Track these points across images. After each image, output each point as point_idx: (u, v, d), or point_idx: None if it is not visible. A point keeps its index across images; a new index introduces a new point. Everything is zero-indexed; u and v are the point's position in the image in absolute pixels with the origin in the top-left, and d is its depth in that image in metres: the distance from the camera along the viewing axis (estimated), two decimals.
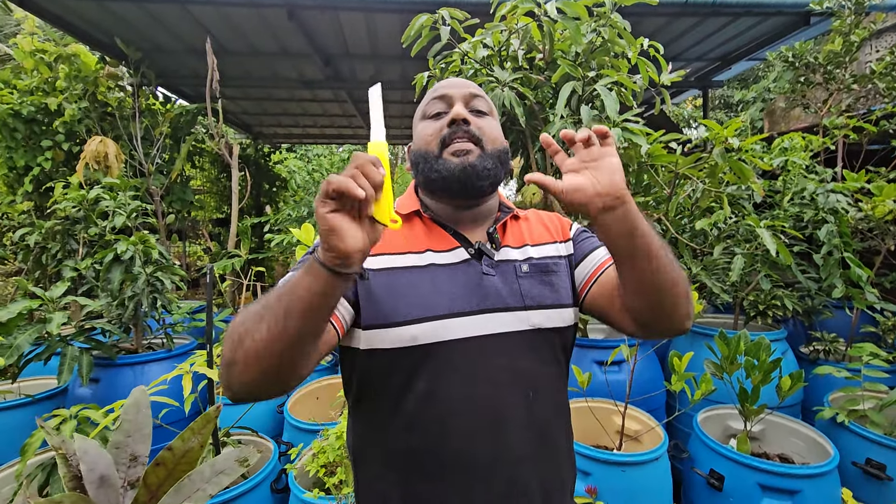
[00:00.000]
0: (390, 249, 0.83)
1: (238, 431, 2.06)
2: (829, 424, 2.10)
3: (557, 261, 0.91)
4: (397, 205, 0.90)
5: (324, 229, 0.55)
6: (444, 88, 0.89)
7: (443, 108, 0.87)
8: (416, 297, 0.79)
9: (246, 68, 4.78)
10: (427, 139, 0.86)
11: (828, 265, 2.31)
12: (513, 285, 0.84)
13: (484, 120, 0.88)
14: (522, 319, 0.83)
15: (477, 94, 0.89)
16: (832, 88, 3.36)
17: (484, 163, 0.83)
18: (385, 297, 0.78)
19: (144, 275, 2.34)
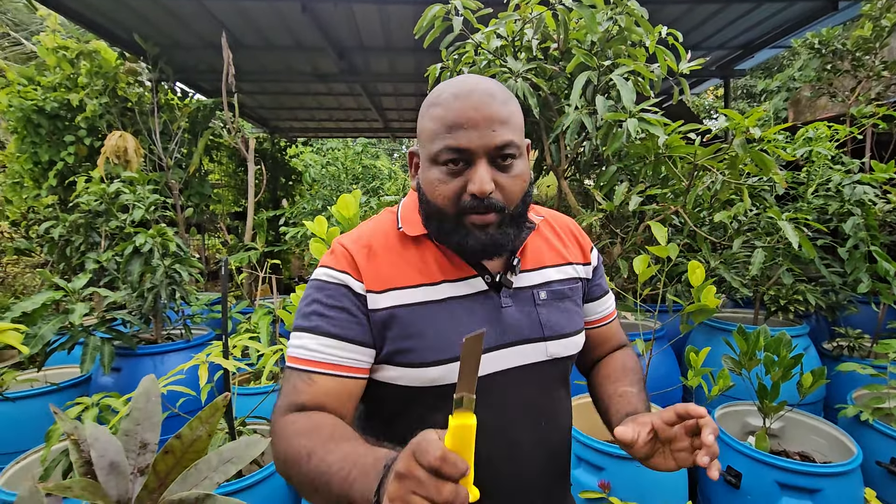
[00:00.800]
0: (403, 283, 0.77)
1: (254, 421, 2.10)
2: (853, 422, 2.04)
3: (573, 285, 0.89)
4: (405, 220, 0.82)
5: None
6: (464, 135, 0.70)
7: (461, 161, 0.72)
8: (435, 339, 0.75)
9: (261, 63, 4.82)
10: (443, 201, 0.74)
11: (853, 259, 2.23)
12: (531, 315, 0.81)
13: (510, 172, 0.74)
14: (540, 350, 0.81)
15: (505, 143, 0.72)
16: (861, 76, 3.24)
17: (506, 232, 0.75)
18: (402, 338, 0.75)
19: (163, 267, 2.38)
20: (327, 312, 0.74)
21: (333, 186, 4.44)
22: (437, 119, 0.74)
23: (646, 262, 1.82)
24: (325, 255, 0.81)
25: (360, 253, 0.78)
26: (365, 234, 0.81)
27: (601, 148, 2.37)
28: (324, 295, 0.75)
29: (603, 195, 2.50)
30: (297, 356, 0.73)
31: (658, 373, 2.33)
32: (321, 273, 0.78)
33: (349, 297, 0.75)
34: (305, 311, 0.76)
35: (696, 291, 1.75)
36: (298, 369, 0.73)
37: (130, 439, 0.59)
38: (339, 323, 0.74)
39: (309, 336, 0.74)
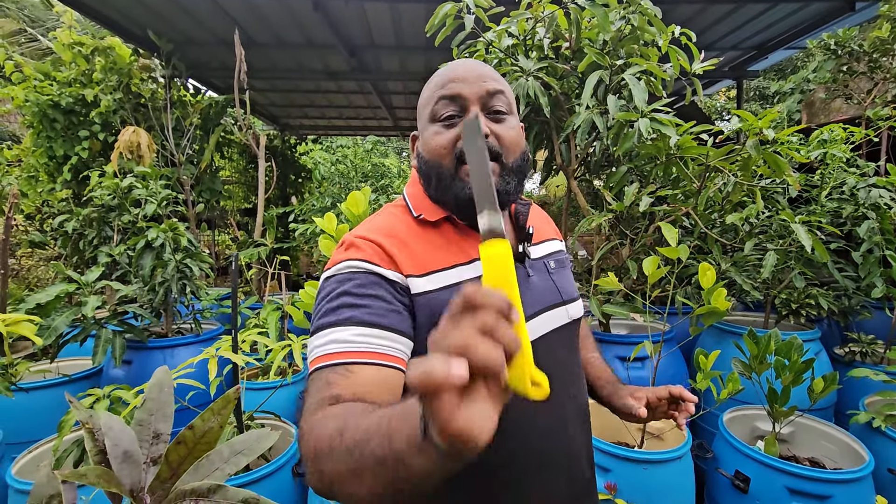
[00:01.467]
0: (438, 265, 0.73)
1: (262, 416, 2.11)
2: (865, 429, 2.01)
3: (565, 255, 0.98)
4: (418, 209, 0.79)
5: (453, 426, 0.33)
6: (456, 85, 0.75)
7: (455, 110, 0.75)
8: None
9: (273, 60, 4.85)
10: (439, 151, 0.75)
11: (867, 263, 2.20)
12: (548, 282, 0.85)
13: (504, 124, 0.77)
14: (563, 314, 0.84)
15: (495, 91, 0.76)
16: (877, 78, 3.19)
17: (505, 184, 0.76)
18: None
19: (174, 261, 2.41)
20: (359, 302, 0.66)
21: (343, 184, 4.45)
22: (432, 83, 0.78)
23: (656, 264, 1.81)
24: (340, 251, 0.73)
25: (388, 241, 0.72)
26: (384, 224, 0.76)
27: (612, 148, 2.35)
28: (352, 285, 0.68)
29: (613, 195, 2.48)
30: (325, 353, 0.63)
31: (666, 375, 2.32)
32: (343, 266, 0.70)
33: (383, 285, 0.69)
34: (330, 307, 0.67)
35: (707, 294, 1.73)
36: (330, 365, 0.62)
37: (144, 429, 0.59)
38: (375, 311, 0.66)
39: (340, 329, 0.64)
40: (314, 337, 0.67)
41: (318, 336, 0.66)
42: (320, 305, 0.69)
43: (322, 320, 0.67)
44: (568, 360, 0.86)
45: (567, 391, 0.83)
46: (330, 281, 0.71)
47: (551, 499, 0.76)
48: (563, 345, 0.84)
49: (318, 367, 0.63)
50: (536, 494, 0.74)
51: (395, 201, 0.87)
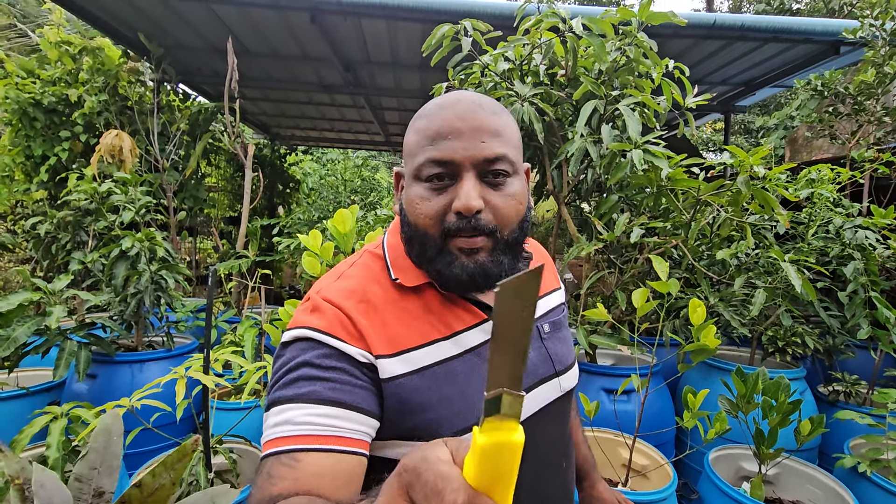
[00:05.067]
0: (412, 342, 0.64)
1: (232, 440, 2.01)
2: (849, 473, 1.98)
3: (563, 311, 0.86)
4: (397, 269, 0.69)
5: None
6: (448, 145, 0.63)
7: (445, 174, 0.64)
8: (461, 401, 0.63)
9: (266, 70, 4.81)
10: (425, 221, 0.65)
11: (854, 304, 2.20)
12: (541, 351, 0.76)
13: (502, 191, 0.65)
14: (555, 387, 0.76)
15: (496, 157, 0.64)
16: (861, 120, 3.26)
17: (499, 260, 0.65)
18: (425, 407, 0.62)
19: (149, 272, 2.31)
20: (321, 374, 0.58)
21: (331, 197, 4.39)
22: (421, 131, 0.66)
23: (645, 296, 1.78)
24: (304, 313, 0.63)
25: (358, 310, 0.63)
26: (357, 285, 0.66)
27: (604, 177, 2.34)
28: (314, 355, 0.59)
29: (603, 224, 2.47)
30: (275, 436, 0.56)
31: (651, 409, 2.27)
32: (305, 332, 0.61)
33: (347, 360, 0.60)
34: (288, 378, 0.58)
35: (697, 331, 1.70)
36: (275, 453, 0.55)
37: (84, 486, 0.52)
38: (336, 386, 0.58)
39: (295, 407, 0.56)
40: (269, 413, 0.59)
41: (272, 413, 0.58)
42: (277, 374, 0.61)
43: (278, 393, 0.59)
44: (557, 436, 0.78)
45: (555, 469, 0.76)
46: (290, 348, 0.62)
47: None
48: (554, 419, 0.75)
49: (266, 454, 0.56)
50: None
51: (374, 247, 0.75)
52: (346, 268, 0.71)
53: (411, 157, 0.67)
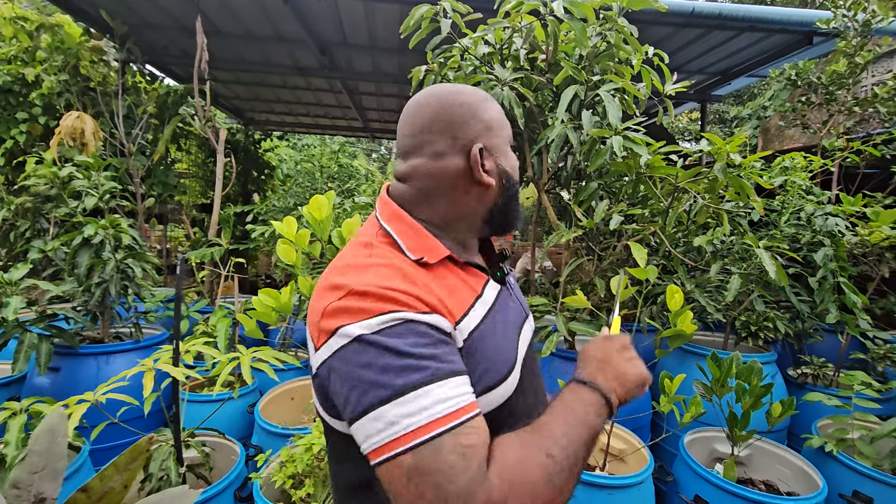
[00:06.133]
0: (462, 309, 0.68)
1: (204, 433, 1.95)
2: (817, 453, 2.05)
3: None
4: (416, 250, 0.71)
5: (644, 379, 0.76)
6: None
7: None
8: (502, 348, 0.72)
9: (238, 51, 4.64)
10: (517, 175, 0.81)
11: (823, 290, 2.26)
12: (519, 298, 0.88)
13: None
14: (530, 326, 0.87)
15: None
16: (832, 110, 3.33)
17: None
18: (485, 360, 0.67)
19: (114, 261, 2.21)
20: (435, 351, 0.58)
21: (307, 184, 4.28)
22: (497, 111, 0.79)
23: (624, 283, 1.78)
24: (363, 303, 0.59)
25: (423, 289, 0.63)
26: (399, 268, 0.65)
27: (584, 164, 2.33)
28: (415, 335, 0.58)
29: (583, 211, 2.46)
30: (432, 420, 0.53)
31: None
32: (392, 318, 0.58)
33: (438, 328, 0.61)
34: (402, 365, 0.55)
35: (674, 317, 1.71)
36: (450, 429, 0.54)
37: (22, 493, 0.47)
38: (453, 358, 0.60)
39: (435, 386, 0.55)
40: (395, 405, 0.54)
41: (407, 400, 0.54)
42: (380, 366, 0.56)
43: (401, 381, 0.55)
44: (538, 369, 0.88)
45: (542, 397, 0.83)
46: (384, 334, 0.57)
47: None
48: (534, 359, 0.86)
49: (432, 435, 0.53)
50: None
51: (374, 235, 0.73)
52: (366, 258, 0.68)
53: (502, 129, 0.78)
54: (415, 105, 0.77)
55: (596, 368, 0.72)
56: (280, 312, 1.90)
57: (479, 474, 0.52)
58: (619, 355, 0.75)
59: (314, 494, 1.52)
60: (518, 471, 0.54)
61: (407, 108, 0.78)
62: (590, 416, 0.63)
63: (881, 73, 5.76)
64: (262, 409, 2.24)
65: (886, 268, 2.52)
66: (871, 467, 1.87)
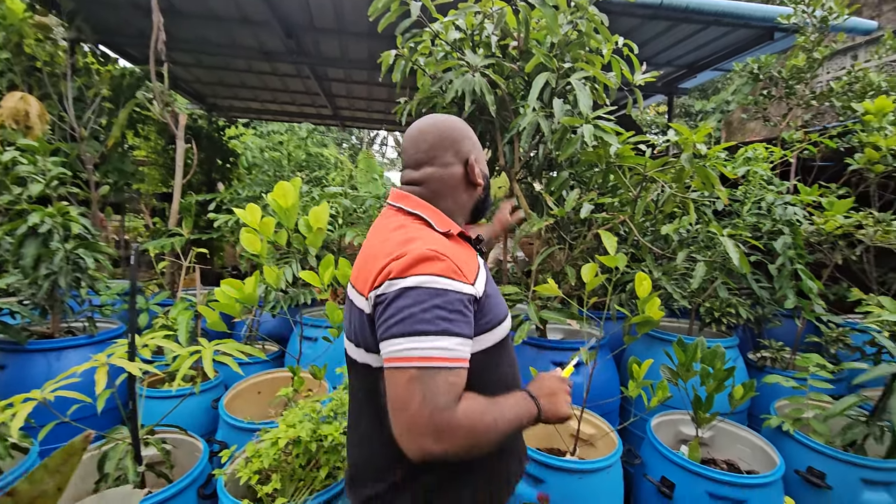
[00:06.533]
0: (475, 266, 0.96)
1: (164, 429, 1.87)
2: (775, 432, 2.14)
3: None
4: (441, 224, 0.98)
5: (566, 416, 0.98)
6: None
7: None
8: (501, 301, 1.02)
9: (199, 32, 4.43)
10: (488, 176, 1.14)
11: (782, 276, 2.34)
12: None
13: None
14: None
15: None
16: (792, 103, 3.45)
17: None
18: (490, 305, 0.95)
19: (63, 251, 2.08)
20: (451, 316, 0.82)
21: (274, 173, 4.13)
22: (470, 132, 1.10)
23: (594, 271, 1.80)
24: (425, 263, 0.84)
25: (455, 256, 0.88)
26: (440, 243, 0.90)
27: (555, 153, 2.33)
28: (443, 300, 0.82)
29: (554, 200, 2.47)
30: (439, 355, 0.79)
31: (598, 380, 2.34)
32: (432, 280, 0.82)
33: (462, 300, 0.85)
34: (426, 316, 0.80)
35: (642, 303, 1.74)
36: (449, 367, 0.80)
37: None
38: (460, 325, 0.83)
39: (443, 338, 0.80)
40: (416, 339, 0.79)
41: (419, 340, 0.79)
42: (413, 311, 0.80)
43: (420, 326, 0.79)
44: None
45: (513, 355, 1.08)
46: (423, 292, 0.82)
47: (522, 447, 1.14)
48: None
49: (433, 366, 0.78)
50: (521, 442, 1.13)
51: (405, 220, 0.99)
52: (417, 232, 0.94)
53: (480, 146, 1.11)
54: (421, 129, 1.04)
55: (543, 395, 0.97)
56: (244, 304, 1.83)
57: (452, 403, 0.78)
58: (560, 395, 0.98)
59: (281, 490, 1.48)
60: (474, 417, 0.80)
61: (413, 132, 1.05)
62: (523, 417, 0.90)
63: (836, 70, 6.00)
64: (227, 404, 2.17)
65: (840, 255, 2.63)
66: (823, 444, 1.96)
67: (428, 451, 0.76)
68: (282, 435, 1.63)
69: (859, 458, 1.88)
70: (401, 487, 0.91)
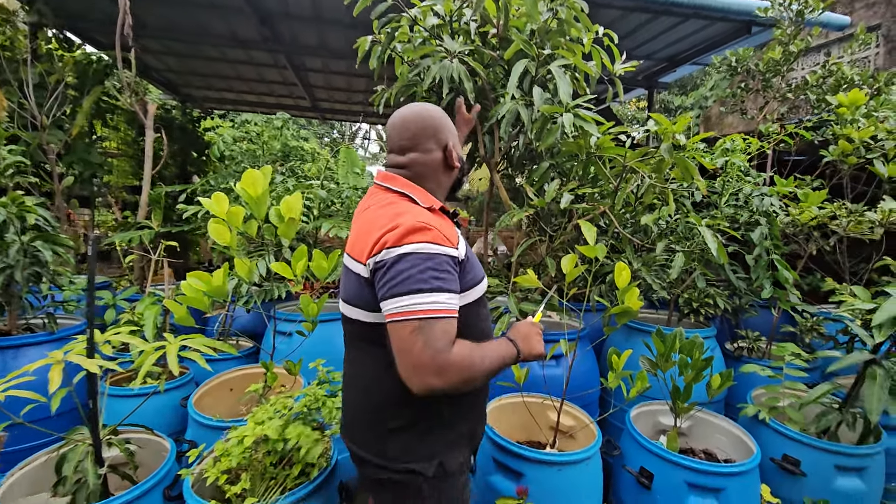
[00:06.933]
0: (455, 238, 1.07)
1: (128, 429, 1.78)
2: (751, 421, 2.15)
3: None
4: (425, 201, 1.13)
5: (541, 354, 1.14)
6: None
7: None
8: (477, 264, 1.17)
9: (169, 18, 4.27)
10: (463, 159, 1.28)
11: (759, 267, 2.36)
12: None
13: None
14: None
15: None
16: (768, 97, 3.48)
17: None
18: (470, 266, 1.11)
19: (19, 243, 1.96)
20: (441, 275, 0.96)
21: (249, 164, 4.01)
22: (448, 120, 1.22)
23: (574, 262, 1.77)
24: (416, 233, 0.97)
25: (441, 228, 1.01)
26: (425, 216, 1.03)
27: (535, 143, 2.30)
28: (434, 263, 0.96)
29: (535, 191, 2.44)
30: (435, 308, 0.93)
31: (578, 371, 2.33)
32: (424, 247, 0.96)
33: (449, 262, 0.99)
34: (422, 277, 0.94)
35: (621, 293, 1.72)
36: (443, 317, 0.94)
37: None
38: (450, 282, 0.98)
39: (437, 294, 0.94)
40: (414, 295, 0.93)
41: (418, 295, 0.93)
42: (410, 272, 0.94)
43: (416, 285, 0.94)
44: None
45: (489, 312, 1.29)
46: (416, 256, 0.96)
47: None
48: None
49: (431, 317, 0.92)
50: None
51: (393, 198, 1.13)
52: (407, 207, 1.07)
53: (455, 132, 1.24)
54: (405, 118, 1.16)
55: (520, 337, 1.13)
56: (214, 298, 1.75)
57: (448, 346, 0.93)
58: (534, 336, 1.15)
59: (251, 489, 1.42)
60: (465, 356, 0.95)
61: (397, 120, 1.17)
62: (505, 356, 1.06)
63: (809, 67, 6.11)
64: (196, 402, 2.09)
65: (814, 245, 2.67)
66: (798, 432, 1.98)
67: (431, 385, 0.91)
68: (248, 433, 1.56)
69: (832, 445, 1.91)
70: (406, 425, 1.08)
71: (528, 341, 1.12)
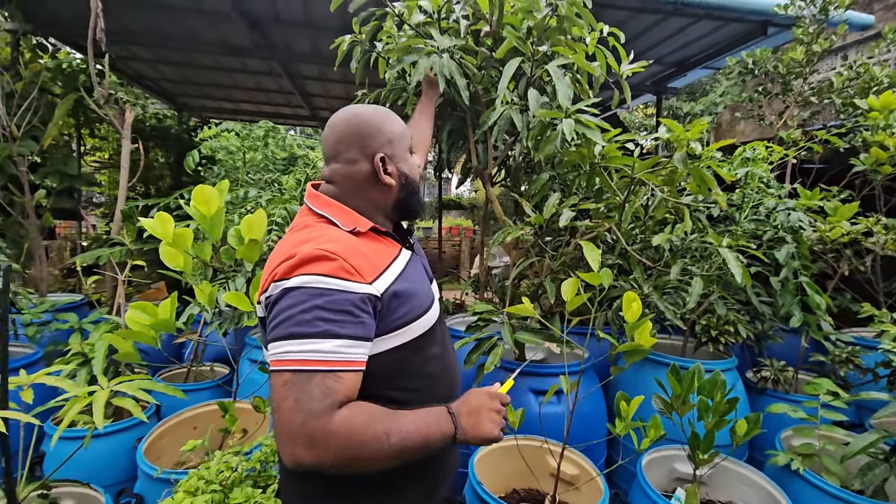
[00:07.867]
0: (384, 263, 0.91)
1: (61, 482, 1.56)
2: (782, 470, 1.87)
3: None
4: (346, 223, 0.93)
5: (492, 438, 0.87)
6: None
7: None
8: (421, 292, 0.97)
9: (157, 26, 4.12)
10: (416, 175, 1.06)
11: (787, 291, 2.09)
12: (424, 264, 1.09)
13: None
14: (435, 286, 1.12)
15: None
16: (789, 101, 3.22)
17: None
18: (404, 303, 0.89)
19: None
20: (334, 317, 0.77)
21: (226, 175, 3.80)
22: (399, 123, 1.03)
23: (575, 288, 1.53)
24: (310, 263, 0.80)
25: (351, 257, 0.82)
26: (338, 242, 0.85)
27: (532, 152, 2.06)
28: (325, 301, 0.77)
29: (533, 206, 2.20)
30: (313, 359, 0.75)
31: (583, 411, 2.06)
32: (315, 280, 0.78)
33: (351, 300, 0.79)
34: (304, 318, 0.76)
35: (631, 329, 1.47)
36: (325, 370, 0.75)
37: None
38: (347, 325, 0.78)
39: (320, 340, 0.75)
40: (290, 343, 0.76)
41: (295, 344, 0.75)
42: (292, 314, 0.77)
43: (296, 329, 0.76)
44: (445, 325, 1.11)
45: (452, 354, 1.08)
46: (303, 292, 0.78)
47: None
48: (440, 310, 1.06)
49: (306, 369, 0.74)
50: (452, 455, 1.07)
51: (311, 221, 0.94)
52: (307, 234, 0.88)
53: (403, 140, 1.02)
54: (335, 121, 0.99)
55: (466, 411, 0.87)
56: (160, 331, 1.53)
57: (328, 409, 0.73)
58: (487, 412, 0.87)
59: None
60: (354, 428, 0.73)
61: (330, 122, 0.99)
62: (433, 434, 0.81)
63: (825, 71, 5.83)
64: (152, 444, 1.86)
65: (846, 265, 2.40)
66: (840, 488, 1.70)
67: (299, 458, 0.72)
68: (201, 485, 1.33)
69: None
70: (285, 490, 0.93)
71: (475, 417, 0.85)
